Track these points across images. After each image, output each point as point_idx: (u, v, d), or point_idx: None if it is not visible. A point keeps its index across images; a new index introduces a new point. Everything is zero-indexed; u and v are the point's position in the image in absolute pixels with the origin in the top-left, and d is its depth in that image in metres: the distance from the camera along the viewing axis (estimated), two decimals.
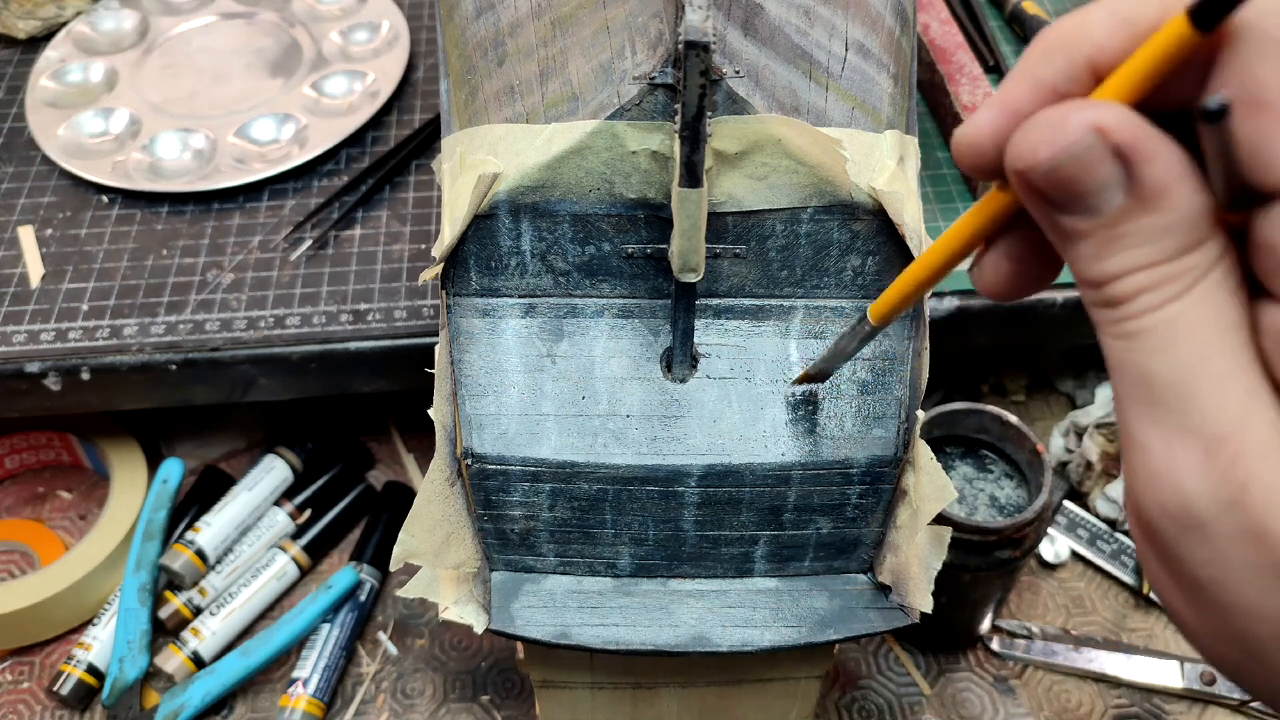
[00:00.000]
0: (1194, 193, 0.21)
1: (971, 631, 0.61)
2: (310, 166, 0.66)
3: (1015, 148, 0.22)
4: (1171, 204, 0.21)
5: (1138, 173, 0.21)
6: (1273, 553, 0.20)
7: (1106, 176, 0.21)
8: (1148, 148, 0.20)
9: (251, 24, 0.76)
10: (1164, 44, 0.20)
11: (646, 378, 0.40)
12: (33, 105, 0.70)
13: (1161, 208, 0.21)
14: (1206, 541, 0.21)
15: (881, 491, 0.41)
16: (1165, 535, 0.22)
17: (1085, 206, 0.21)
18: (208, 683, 0.58)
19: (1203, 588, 0.22)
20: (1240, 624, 0.21)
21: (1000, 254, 0.26)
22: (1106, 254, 0.22)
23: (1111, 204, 0.21)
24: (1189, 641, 0.24)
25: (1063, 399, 0.73)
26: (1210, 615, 0.22)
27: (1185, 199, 0.21)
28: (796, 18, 0.38)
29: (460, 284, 0.39)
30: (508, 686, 0.61)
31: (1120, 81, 0.21)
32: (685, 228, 0.36)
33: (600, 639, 0.41)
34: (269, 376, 0.58)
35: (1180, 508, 0.21)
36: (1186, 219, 0.21)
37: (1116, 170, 0.21)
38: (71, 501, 0.69)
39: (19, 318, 0.59)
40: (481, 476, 0.40)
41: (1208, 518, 0.21)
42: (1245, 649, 0.22)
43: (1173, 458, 0.21)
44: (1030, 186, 0.22)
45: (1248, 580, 0.21)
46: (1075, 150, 0.21)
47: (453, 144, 0.41)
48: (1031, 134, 0.21)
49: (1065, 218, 0.22)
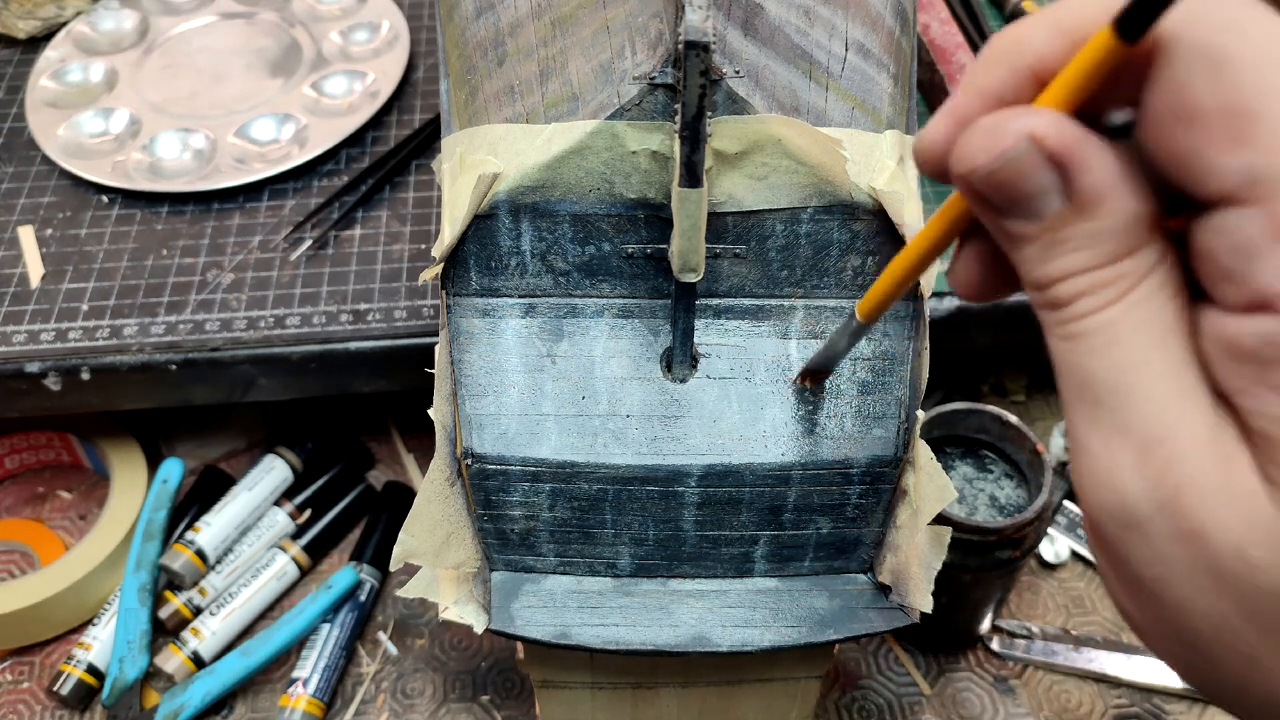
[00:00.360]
0: (1129, 199, 0.21)
1: (971, 631, 0.61)
2: (310, 166, 0.66)
3: (956, 153, 0.23)
4: (1107, 210, 0.21)
5: (1073, 179, 0.21)
6: (1206, 553, 0.20)
7: (1042, 182, 0.21)
8: (1081, 155, 0.21)
9: (251, 24, 0.76)
10: (1093, 55, 0.21)
11: (646, 378, 0.40)
12: (33, 105, 0.70)
13: (1097, 214, 0.21)
14: (1145, 541, 0.21)
15: (881, 491, 0.41)
16: (1108, 534, 0.22)
17: (1025, 211, 0.22)
18: (208, 683, 0.58)
19: (1145, 585, 0.22)
20: (1181, 620, 0.22)
21: (969, 256, 0.26)
22: (1049, 257, 0.22)
23: (1050, 209, 0.22)
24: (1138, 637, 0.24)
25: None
26: (1154, 612, 0.22)
27: (1120, 206, 0.21)
28: (796, 18, 0.38)
29: (460, 284, 0.39)
30: (508, 686, 0.61)
31: (1057, 90, 0.22)
32: (685, 228, 0.36)
33: (600, 639, 0.41)
34: (269, 376, 0.58)
35: (1120, 508, 0.22)
36: (1122, 225, 0.21)
37: (1052, 177, 0.21)
38: (71, 501, 0.69)
39: (19, 318, 0.59)
40: (481, 476, 0.40)
41: (1144, 518, 0.21)
42: (1187, 644, 0.22)
43: (1111, 459, 0.22)
44: (973, 191, 0.23)
45: (1185, 579, 0.21)
46: (1010, 156, 0.21)
47: (453, 144, 0.41)
48: (971, 141, 0.22)
49: (1009, 222, 0.22)
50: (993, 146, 0.22)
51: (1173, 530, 0.21)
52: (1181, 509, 0.20)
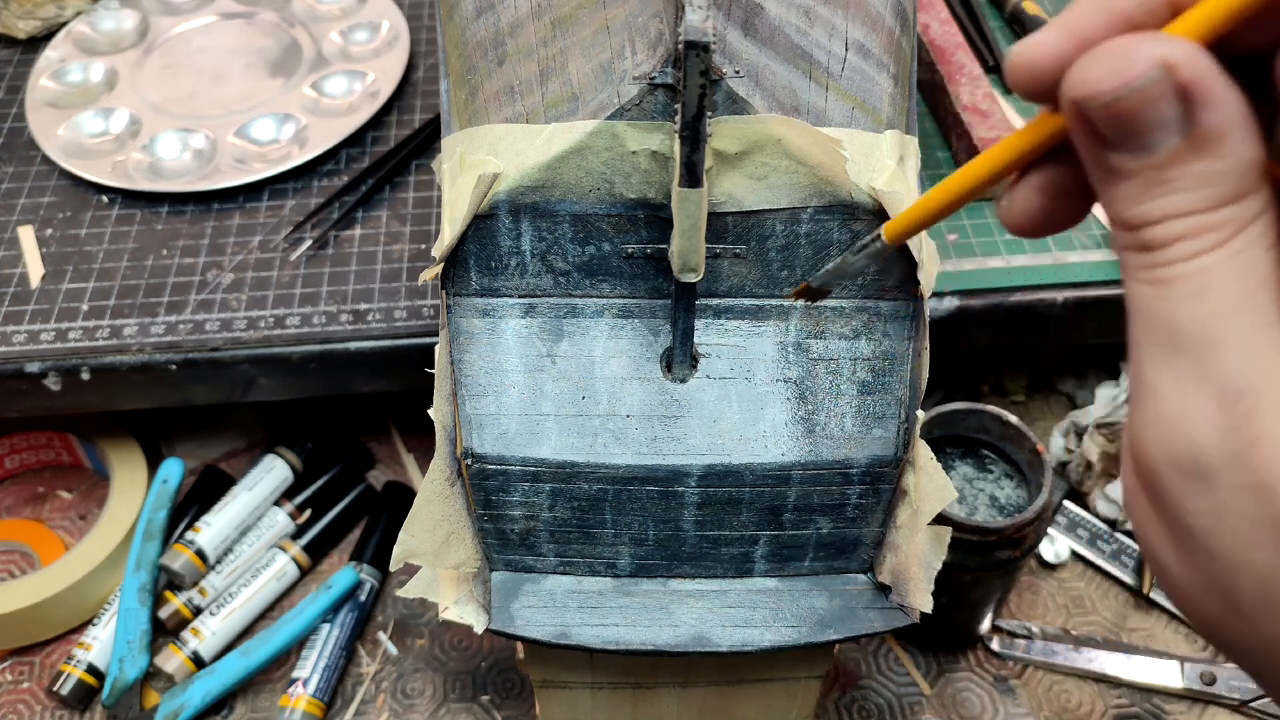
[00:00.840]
0: (1249, 143, 0.21)
1: (971, 631, 0.61)
2: (310, 166, 0.66)
3: (1077, 74, 0.21)
4: (1225, 151, 0.20)
5: (1197, 115, 0.20)
6: (1272, 508, 0.20)
7: (1166, 115, 0.20)
8: (1213, 90, 0.20)
9: (251, 24, 0.76)
10: None
11: (646, 378, 0.40)
12: (33, 105, 0.70)
13: (1215, 154, 0.20)
14: (1208, 491, 0.21)
15: (881, 491, 0.41)
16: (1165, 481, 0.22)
17: (1138, 144, 0.21)
18: (208, 683, 0.58)
19: (1196, 537, 0.22)
20: (1227, 575, 0.21)
21: (1032, 185, 0.25)
22: (1149, 197, 0.21)
23: (1165, 145, 0.21)
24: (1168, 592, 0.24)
25: (1063, 399, 0.73)
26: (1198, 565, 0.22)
27: (1240, 148, 0.21)
28: (796, 18, 0.38)
29: (460, 284, 0.39)
30: (508, 686, 0.61)
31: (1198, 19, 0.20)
32: (685, 228, 0.36)
33: (600, 639, 0.41)
34: (269, 376, 0.58)
35: (1187, 455, 0.21)
36: (1236, 168, 0.21)
37: (1177, 110, 0.20)
38: (71, 501, 0.69)
39: (19, 318, 0.59)
40: (481, 476, 0.40)
41: (1213, 468, 0.21)
42: (1227, 601, 0.22)
43: (1186, 405, 0.21)
44: (1084, 118, 0.21)
45: (1242, 532, 0.21)
46: (1139, 84, 0.20)
47: (453, 144, 0.41)
48: (1097, 63, 0.21)
49: (1114, 155, 0.21)
50: (1122, 72, 0.20)
51: (1240, 483, 0.21)
52: (1255, 462, 0.20)
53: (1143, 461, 0.23)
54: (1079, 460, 0.66)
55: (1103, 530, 0.65)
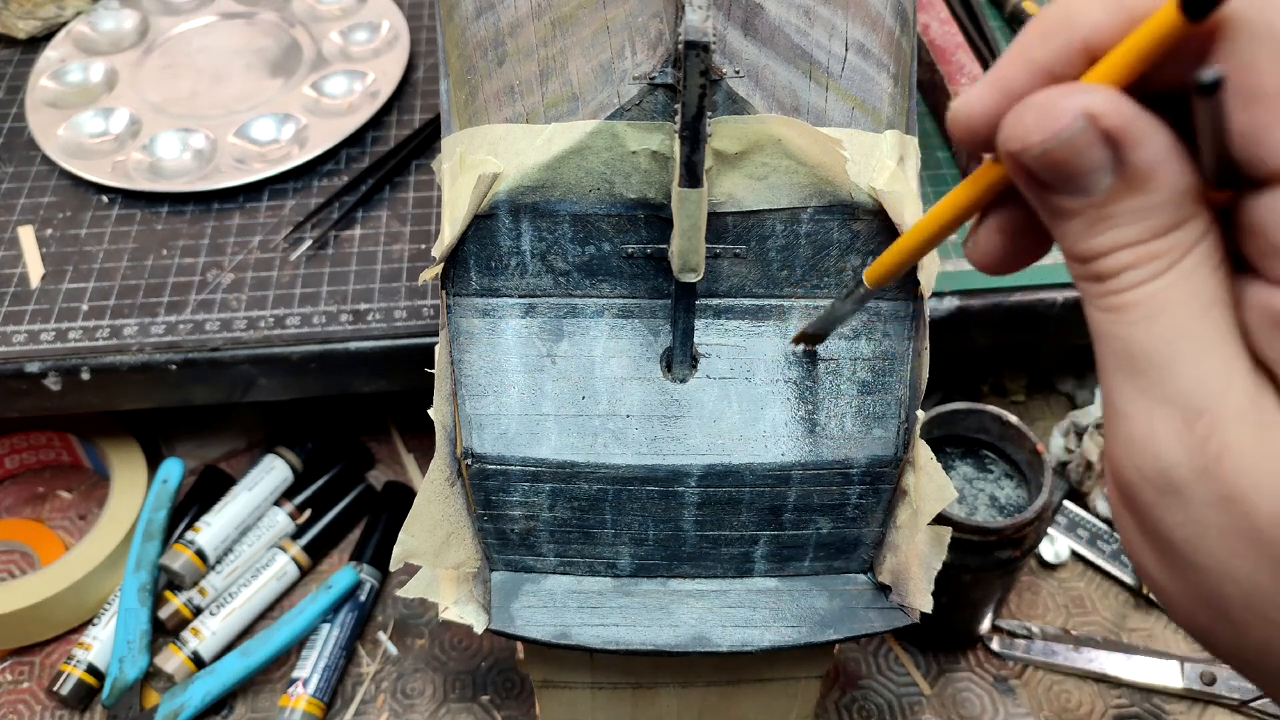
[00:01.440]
0: (1180, 174, 0.21)
1: (971, 631, 0.61)
2: (310, 166, 0.66)
3: (1008, 130, 0.22)
4: (1157, 185, 0.21)
5: (1126, 156, 0.21)
6: (1244, 517, 0.21)
7: (1096, 160, 0.21)
8: (1137, 132, 0.21)
9: (251, 24, 0.76)
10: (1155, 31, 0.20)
11: (646, 378, 0.40)
12: (33, 105, 0.70)
13: (1148, 189, 0.21)
14: (1182, 506, 0.22)
15: (881, 491, 0.41)
16: (1143, 499, 0.23)
17: (1076, 188, 0.22)
18: (208, 683, 0.58)
19: (1177, 550, 0.22)
20: (1211, 585, 0.22)
21: (992, 227, 0.26)
22: (1094, 232, 0.22)
23: (1100, 186, 0.22)
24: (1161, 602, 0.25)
25: (1063, 399, 0.73)
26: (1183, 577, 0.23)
27: (1171, 180, 0.21)
28: (796, 18, 0.38)
29: (460, 284, 0.39)
30: (508, 686, 0.61)
31: (1112, 65, 0.21)
32: (685, 228, 0.36)
33: (600, 639, 0.41)
34: (269, 376, 0.58)
35: (1158, 473, 0.22)
36: (1171, 199, 0.22)
37: (1105, 154, 0.21)
38: (71, 501, 0.69)
39: (19, 318, 0.59)
40: (481, 476, 0.40)
41: (1184, 483, 0.22)
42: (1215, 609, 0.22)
43: (1152, 426, 0.22)
44: (1022, 167, 0.23)
45: (1220, 543, 0.21)
46: (1066, 135, 0.21)
47: (453, 144, 0.41)
48: (1025, 117, 0.22)
49: (1056, 197, 0.23)
50: (1048, 125, 0.21)
51: (1212, 495, 0.21)
52: (1222, 474, 0.21)
53: (1121, 481, 0.23)
54: (1079, 460, 0.66)
55: (1103, 530, 0.65)
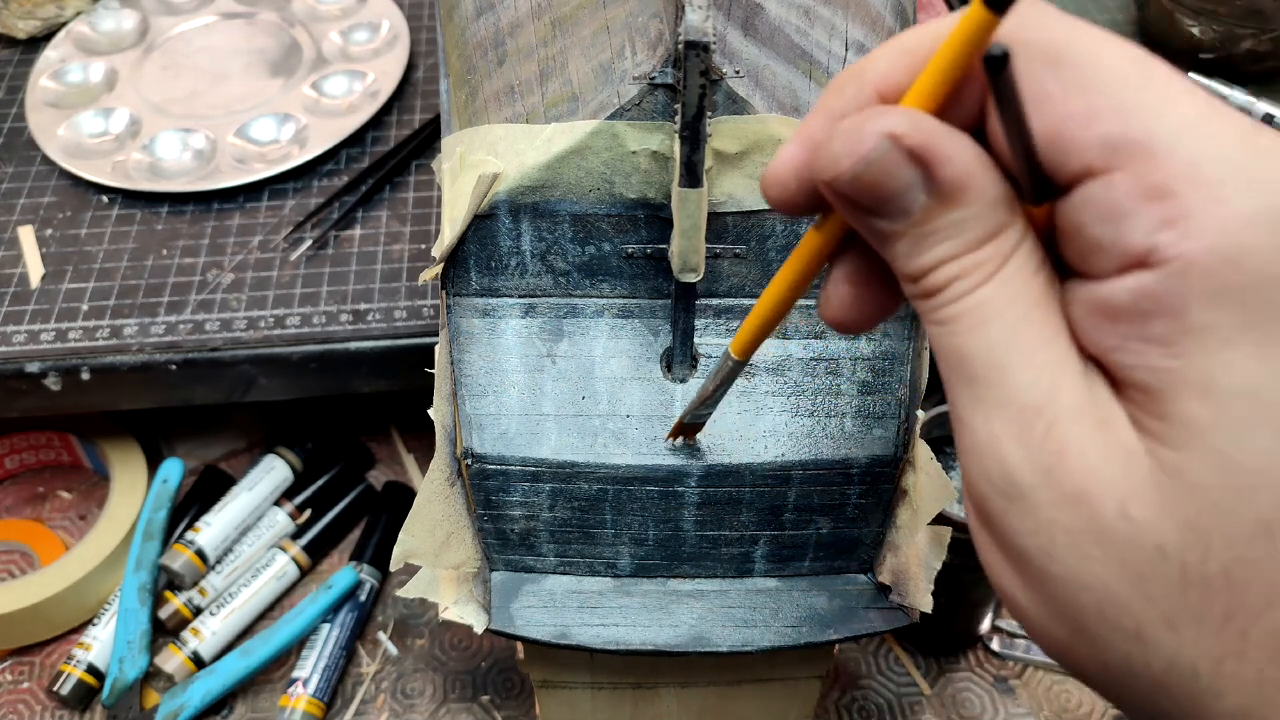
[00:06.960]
0: (990, 185, 0.22)
1: (971, 631, 0.61)
2: (310, 166, 0.66)
3: (821, 161, 0.23)
4: (970, 198, 0.22)
5: (935, 173, 0.22)
6: (1090, 515, 0.20)
7: (906, 179, 0.22)
8: (941, 148, 0.21)
9: (251, 24, 0.76)
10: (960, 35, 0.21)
11: (646, 378, 0.40)
12: (33, 105, 0.70)
13: (961, 203, 0.22)
14: (1030, 510, 0.21)
15: (881, 491, 0.41)
16: (993, 508, 0.22)
17: (894, 209, 0.22)
18: (208, 683, 0.58)
19: (1030, 561, 0.22)
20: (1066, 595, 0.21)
21: (839, 278, 0.27)
22: (919, 250, 0.23)
23: (916, 204, 0.22)
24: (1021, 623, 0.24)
25: None
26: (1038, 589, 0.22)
27: (982, 192, 0.22)
28: (796, 18, 0.38)
29: (460, 284, 0.39)
30: (508, 686, 0.61)
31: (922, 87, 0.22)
32: (685, 228, 0.36)
33: (600, 639, 0.41)
34: (269, 376, 0.58)
35: (1003, 478, 0.22)
36: (985, 211, 0.22)
37: (914, 172, 0.22)
38: (71, 501, 0.69)
39: (19, 318, 0.59)
40: (481, 476, 0.40)
41: (1029, 486, 0.21)
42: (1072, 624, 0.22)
43: (992, 430, 0.22)
44: (840, 195, 0.23)
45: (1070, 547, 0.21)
46: (873, 157, 0.22)
47: (453, 144, 0.41)
48: (833, 146, 0.23)
49: (878, 221, 0.23)
50: (855, 149, 0.22)
51: (1057, 496, 0.21)
52: (1064, 472, 0.21)
53: (973, 494, 0.23)
54: None
55: None
